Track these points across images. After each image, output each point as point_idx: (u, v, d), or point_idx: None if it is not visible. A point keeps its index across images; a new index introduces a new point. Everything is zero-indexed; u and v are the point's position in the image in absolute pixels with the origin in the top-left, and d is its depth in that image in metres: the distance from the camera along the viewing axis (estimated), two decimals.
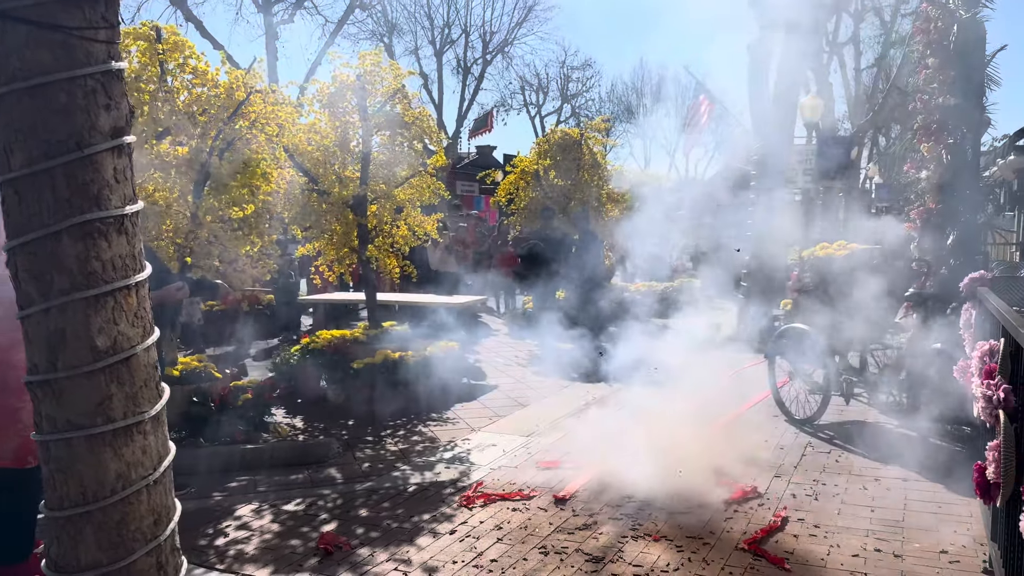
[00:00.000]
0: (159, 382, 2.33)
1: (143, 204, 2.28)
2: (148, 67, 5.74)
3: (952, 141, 6.54)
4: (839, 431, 6.62)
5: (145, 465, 2.23)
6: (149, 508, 2.25)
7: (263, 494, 5.18)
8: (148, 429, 2.24)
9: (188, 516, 4.78)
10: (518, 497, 5.03)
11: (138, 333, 2.20)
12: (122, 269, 2.15)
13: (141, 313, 2.22)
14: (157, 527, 2.28)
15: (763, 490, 5.12)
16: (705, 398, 7.62)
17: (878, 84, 27.50)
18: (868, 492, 5.10)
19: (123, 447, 2.17)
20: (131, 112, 2.19)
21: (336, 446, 6.01)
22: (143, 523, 2.23)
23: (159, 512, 2.28)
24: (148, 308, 2.28)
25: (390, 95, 8.10)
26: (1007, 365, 3.56)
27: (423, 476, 5.52)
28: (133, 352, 2.18)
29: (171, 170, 5.73)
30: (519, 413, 7.39)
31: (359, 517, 4.74)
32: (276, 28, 25.10)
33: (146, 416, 2.22)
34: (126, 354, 2.16)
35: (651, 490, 5.07)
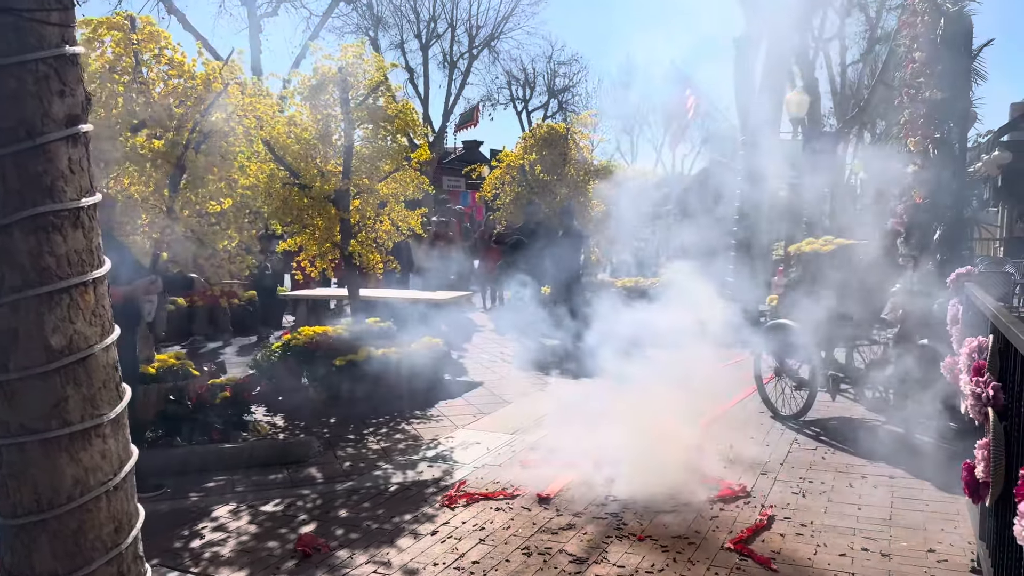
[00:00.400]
0: (120, 383, 2.22)
1: (101, 196, 2.17)
2: (123, 58, 5.60)
3: (939, 135, 6.49)
4: (825, 427, 6.57)
5: (104, 470, 2.13)
6: (109, 515, 2.15)
7: (241, 494, 5.07)
8: (108, 432, 2.14)
9: (163, 517, 4.69)
10: (501, 496, 4.94)
11: (96, 332, 2.10)
12: (78, 265, 2.04)
13: (99, 311, 2.11)
14: (118, 535, 2.17)
15: (749, 488, 5.06)
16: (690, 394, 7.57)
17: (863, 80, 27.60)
18: (855, 490, 5.05)
19: (80, 451, 2.07)
20: (88, 99, 2.08)
21: (316, 445, 5.90)
22: (103, 531, 2.13)
23: (120, 519, 2.18)
24: (107, 306, 2.17)
25: (373, 88, 7.98)
26: (996, 362, 3.50)
27: (405, 475, 5.42)
28: (91, 352, 2.07)
29: (146, 163, 5.59)
30: (503, 410, 7.30)
31: (339, 518, 4.64)
32: (260, 21, 24.87)
33: (105, 419, 2.12)
34: (83, 354, 2.05)
35: (635, 488, 5.00)
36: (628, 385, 7.26)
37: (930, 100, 6.52)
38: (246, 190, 6.26)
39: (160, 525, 4.55)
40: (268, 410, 7.15)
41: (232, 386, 6.07)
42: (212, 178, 5.72)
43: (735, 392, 7.86)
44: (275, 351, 7.64)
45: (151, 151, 5.54)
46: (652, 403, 6.72)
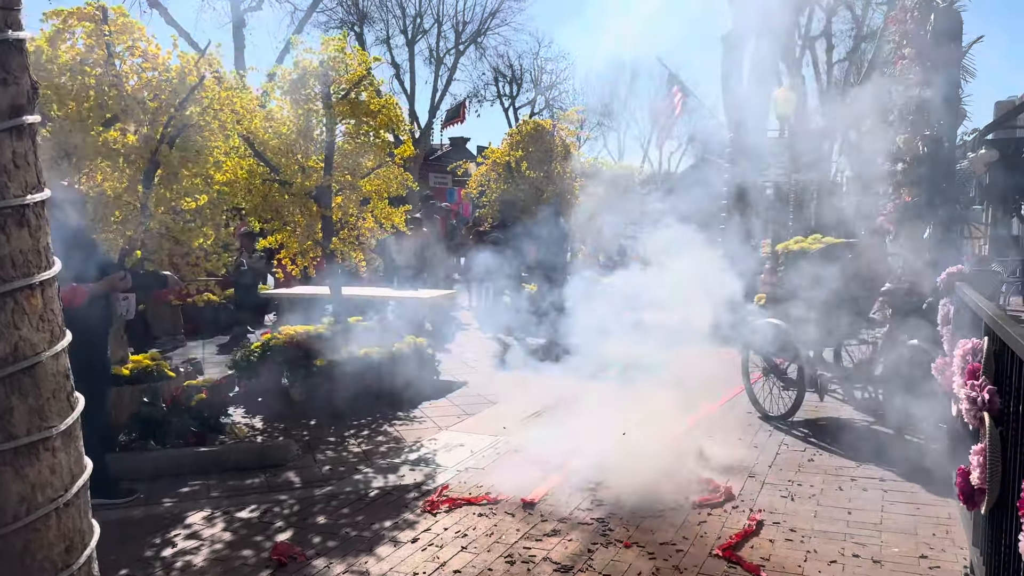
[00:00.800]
0: (71, 392, 2.08)
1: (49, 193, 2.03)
2: (95, 49, 5.42)
3: (928, 133, 6.42)
4: (813, 428, 6.49)
5: (55, 486, 1.99)
6: (60, 534, 2.00)
7: (216, 500, 4.92)
8: (58, 445, 2.00)
9: (135, 524, 4.54)
10: (484, 501, 4.82)
11: (44, 338, 1.95)
12: (23, 266, 1.90)
13: (48, 316, 1.97)
14: (69, 554, 2.03)
15: (737, 491, 4.96)
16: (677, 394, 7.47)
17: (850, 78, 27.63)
18: (844, 493, 4.97)
19: (27, 467, 1.92)
20: (35, 89, 1.93)
21: (295, 448, 5.75)
22: (52, 551, 1.99)
23: (72, 537, 2.04)
24: (57, 310, 2.02)
25: (355, 82, 7.82)
26: (991, 365, 3.41)
27: (386, 479, 5.29)
28: (38, 360, 1.93)
29: (119, 159, 5.42)
30: (488, 411, 7.18)
31: (316, 525, 4.50)
32: (243, 15, 24.57)
33: (55, 431, 1.98)
34: (29, 362, 1.91)
35: (622, 491, 4.89)
36: (615, 385, 7.19)
37: (920, 97, 6.44)
38: (223, 186, 6.09)
39: (132, 532, 4.41)
40: (247, 412, 6.99)
41: (208, 388, 5.92)
42: (187, 174, 5.55)
43: (723, 391, 7.77)
44: (254, 351, 7.47)
45: (124, 146, 5.37)
46: (640, 403, 6.64)
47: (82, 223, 4.81)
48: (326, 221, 7.85)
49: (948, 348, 5.01)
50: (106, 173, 5.62)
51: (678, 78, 15.84)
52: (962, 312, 4.81)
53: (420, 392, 7.55)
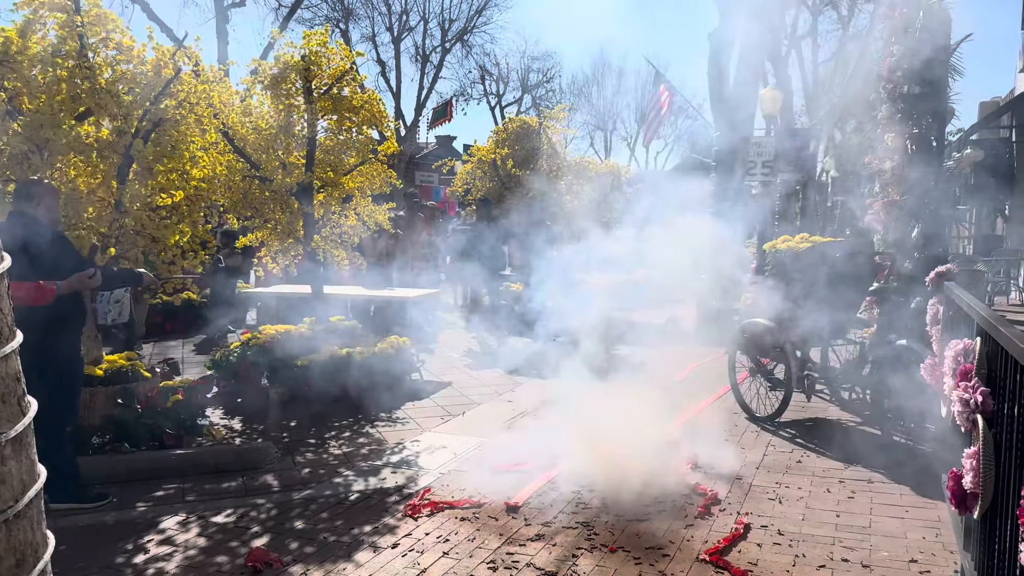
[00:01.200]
0: (23, 396, 1.95)
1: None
2: (67, 41, 5.27)
3: (916, 131, 6.37)
4: (801, 429, 6.43)
5: (3, 497, 1.86)
6: (9, 547, 1.88)
7: (191, 504, 4.79)
8: (8, 453, 1.87)
9: (106, 530, 4.41)
10: (467, 505, 4.71)
11: None
12: None
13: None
14: (20, 569, 1.91)
15: (724, 494, 4.88)
16: (664, 395, 7.40)
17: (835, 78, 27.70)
18: (832, 495, 4.89)
19: None
20: None
21: (274, 450, 5.63)
22: (1, 566, 1.86)
23: (22, 551, 1.91)
24: (7, 309, 1.89)
25: (338, 77, 7.69)
26: (984, 366, 3.34)
27: (367, 482, 5.17)
28: None
29: (92, 153, 5.27)
30: (472, 412, 7.07)
31: (294, 530, 4.38)
32: (227, 11, 24.34)
33: (4, 439, 1.85)
34: None
35: (608, 494, 4.81)
36: (602, 384, 7.09)
37: (908, 95, 6.39)
38: (201, 182, 5.95)
39: (103, 538, 4.28)
40: (226, 413, 6.86)
41: (185, 389, 5.78)
42: (162, 169, 5.40)
43: (710, 392, 7.70)
44: (234, 351, 7.33)
45: (97, 140, 5.23)
46: (626, 403, 6.55)
47: (56, 219, 4.67)
48: (307, 218, 7.73)
49: (937, 348, 4.96)
50: (79, 168, 5.47)
51: (665, 77, 15.78)
52: (951, 312, 4.75)
53: (403, 393, 7.43)
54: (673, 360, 9.78)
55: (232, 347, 7.43)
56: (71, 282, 4.31)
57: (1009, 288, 14.53)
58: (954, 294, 4.48)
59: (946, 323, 4.79)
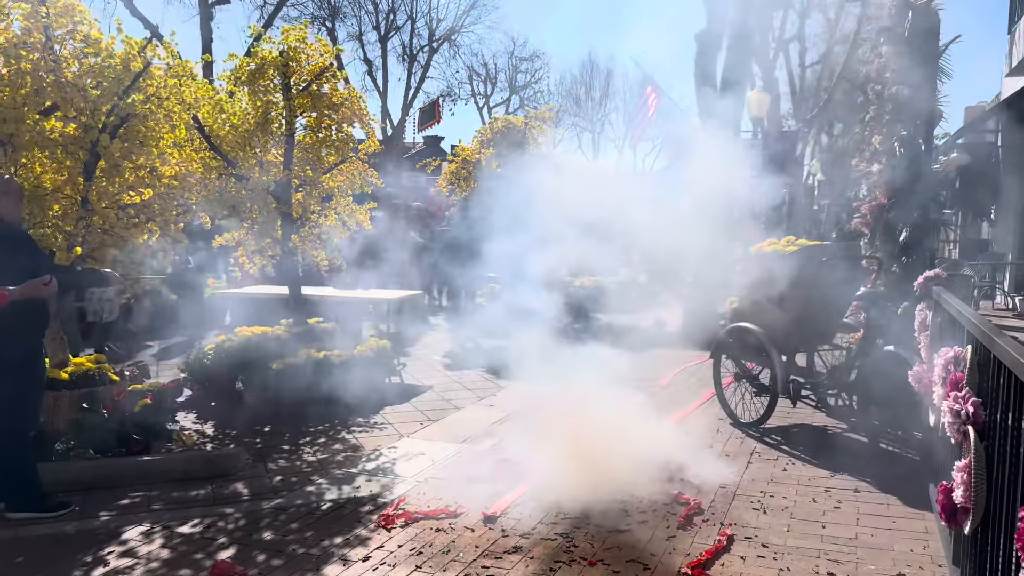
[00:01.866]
0: None
1: None
2: (32, 33, 5.08)
3: (905, 133, 6.27)
4: (786, 436, 6.31)
5: None
6: None
7: (157, 513, 4.61)
8: None
9: (67, 540, 4.22)
10: (443, 515, 4.56)
11: None
12: None
13: None
14: None
15: (707, 504, 4.75)
16: (648, 400, 7.28)
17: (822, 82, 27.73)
18: (818, 505, 4.77)
19: None
20: None
21: (246, 457, 5.46)
22: None
23: None
24: None
25: (317, 73, 7.53)
26: (975, 375, 3.22)
27: (340, 491, 5.01)
28: None
29: (57, 149, 5.09)
30: (452, 417, 6.92)
31: (262, 541, 4.22)
32: (211, 9, 24.09)
33: None
34: None
35: (588, 504, 4.66)
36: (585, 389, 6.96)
37: (896, 96, 6.29)
38: (173, 180, 5.77)
39: (62, 549, 4.10)
40: (199, 417, 6.68)
41: (154, 392, 5.60)
42: (130, 166, 5.22)
43: (694, 397, 7.59)
44: (208, 353, 7.15)
45: (62, 135, 5.04)
46: (609, 408, 6.42)
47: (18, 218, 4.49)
48: (285, 218, 7.56)
49: (926, 355, 4.85)
50: (45, 164, 5.29)
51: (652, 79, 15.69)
52: (939, 318, 4.65)
53: (382, 397, 7.28)
54: (658, 364, 9.68)
55: (206, 349, 7.25)
56: (24, 289, 4.12)
57: (995, 292, 14.53)
58: (943, 300, 4.37)
59: (935, 329, 4.68)
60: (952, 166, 13.38)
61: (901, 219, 6.20)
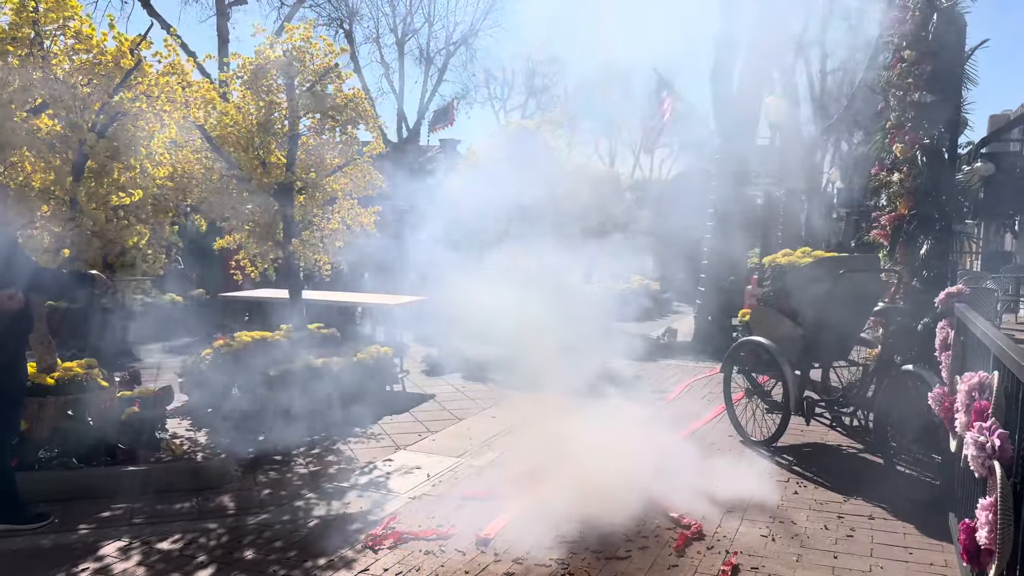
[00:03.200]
0: None
1: None
2: (22, 27, 4.93)
3: (928, 141, 6.00)
4: (799, 456, 6.05)
5: None
6: None
7: (137, 527, 4.43)
8: None
9: (41, 555, 4.05)
10: (433, 536, 4.35)
11: None
12: None
13: None
14: None
15: (713, 529, 4.51)
16: (655, 414, 7.05)
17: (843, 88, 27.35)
18: (830, 533, 4.52)
19: None
20: None
21: (234, 468, 5.27)
22: None
23: None
24: None
25: (321, 74, 7.36)
26: (1002, 404, 2.98)
27: (329, 507, 4.81)
28: None
29: (45, 148, 4.93)
30: (452, 429, 6.71)
31: (243, 560, 4.02)
32: (228, 9, 24.05)
33: None
34: None
35: (587, 526, 4.43)
36: (590, 401, 6.74)
37: (919, 103, 6.02)
38: (168, 181, 5.60)
39: (35, 564, 3.93)
40: (192, 425, 6.51)
41: (142, 399, 5.43)
42: (119, 167, 5.06)
43: (703, 412, 7.33)
44: (205, 358, 6.99)
45: (49, 134, 4.89)
46: (614, 423, 6.20)
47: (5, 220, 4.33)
48: (287, 220, 7.39)
49: (947, 376, 4.59)
50: (35, 164, 5.14)
51: (669, 83, 15.44)
52: (961, 337, 4.39)
53: (381, 406, 7.09)
54: (667, 376, 9.43)
55: (203, 354, 7.09)
56: None
57: (1018, 306, 14.16)
58: (968, 319, 4.11)
59: (957, 349, 4.42)
60: (977, 176, 13.04)
61: (922, 231, 5.92)
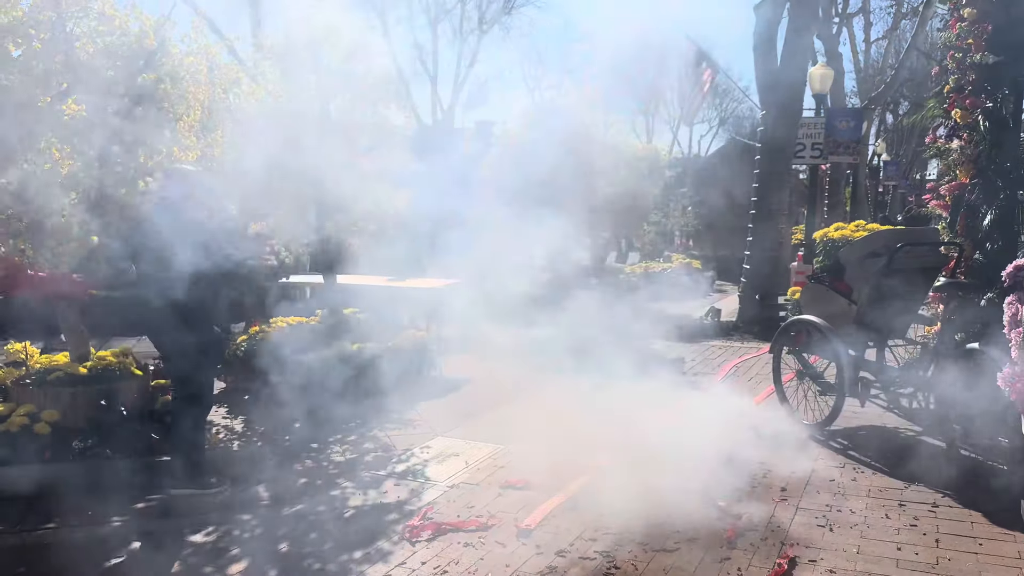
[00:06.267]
0: None
1: None
2: (44, 10, 4.82)
3: (990, 105, 5.63)
4: (854, 439, 5.77)
5: None
6: None
7: (170, 519, 4.34)
8: None
9: (72, 550, 3.96)
10: (473, 527, 4.19)
11: None
12: None
13: None
14: None
15: (766, 519, 4.28)
16: (701, 398, 6.82)
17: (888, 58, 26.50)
18: (891, 522, 4.26)
19: None
20: None
21: (268, 457, 5.17)
22: None
23: None
24: None
25: (349, 53, 7.19)
26: None
27: (366, 496, 4.69)
28: None
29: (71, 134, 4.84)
30: (492, 414, 6.54)
31: (276, 554, 3.91)
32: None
33: None
34: None
35: (632, 517, 4.22)
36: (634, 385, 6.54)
37: (980, 64, 5.65)
38: None
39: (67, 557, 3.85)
40: (229, 412, 6.45)
41: None
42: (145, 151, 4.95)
43: (751, 395, 7.07)
44: (242, 344, 6.92)
45: (71, 117, 4.78)
46: (659, 407, 5.99)
47: None
48: (319, 204, 7.25)
49: (1017, 354, 4.29)
50: (62, 150, 5.05)
51: (707, 55, 15.00)
52: None
53: (419, 391, 6.96)
54: (710, 358, 9.16)
55: (239, 341, 7.02)
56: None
57: None
58: None
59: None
60: None
61: (986, 201, 5.57)
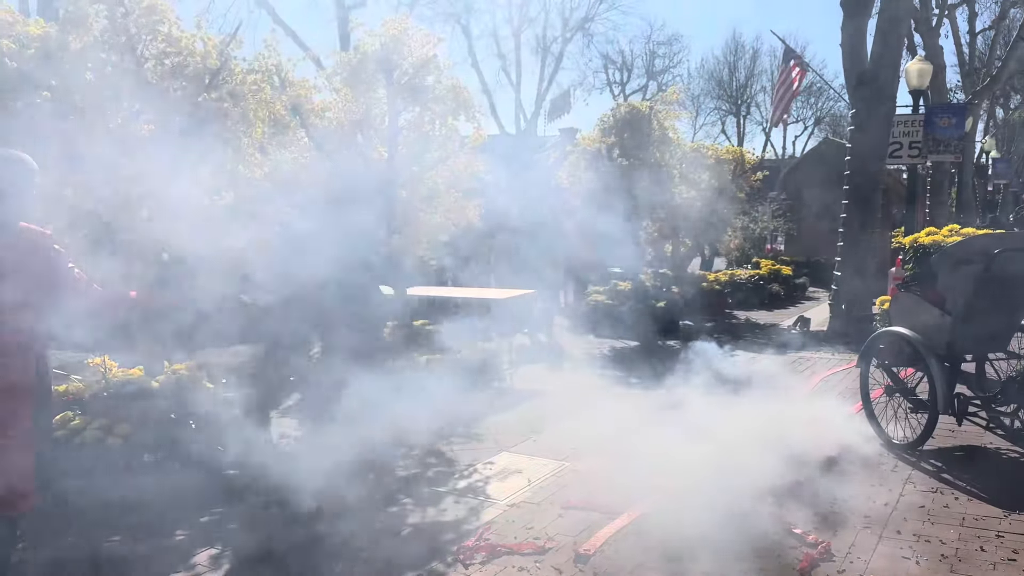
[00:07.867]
0: None
1: None
2: (115, 36, 4.98)
3: None
4: (949, 461, 5.34)
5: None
6: None
7: (232, 533, 4.37)
8: None
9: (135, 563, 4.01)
10: (529, 550, 4.04)
11: None
12: None
13: None
14: None
15: (845, 548, 3.96)
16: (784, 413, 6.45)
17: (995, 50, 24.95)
18: (987, 556, 3.88)
19: None
20: None
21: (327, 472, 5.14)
22: None
23: None
24: None
25: (420, 65, 7.19)
26: None
27: (424, 514, 4.60)
28: None
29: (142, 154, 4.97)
30: (559, 428, 6.37)
31: (330, 573, 3.86)
32: (348, 11, 24.65)
33: None
34: None
35: (699, 544, 3.98)
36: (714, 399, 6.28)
37: None
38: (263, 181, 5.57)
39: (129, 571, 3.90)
40: (299, 425, 6.49)
41: None
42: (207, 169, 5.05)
43: (837, 411, 6.65)
44: (313, 356, 6.98)
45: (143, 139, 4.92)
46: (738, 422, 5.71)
47: None
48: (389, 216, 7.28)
49: None
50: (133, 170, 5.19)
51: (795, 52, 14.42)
52: None
53: (487, 404, 6.86)
54: (797, 370, 8.73)
55: (312, 352, 7.09)
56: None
57: None
58: None
59: None
60: None
61: None
